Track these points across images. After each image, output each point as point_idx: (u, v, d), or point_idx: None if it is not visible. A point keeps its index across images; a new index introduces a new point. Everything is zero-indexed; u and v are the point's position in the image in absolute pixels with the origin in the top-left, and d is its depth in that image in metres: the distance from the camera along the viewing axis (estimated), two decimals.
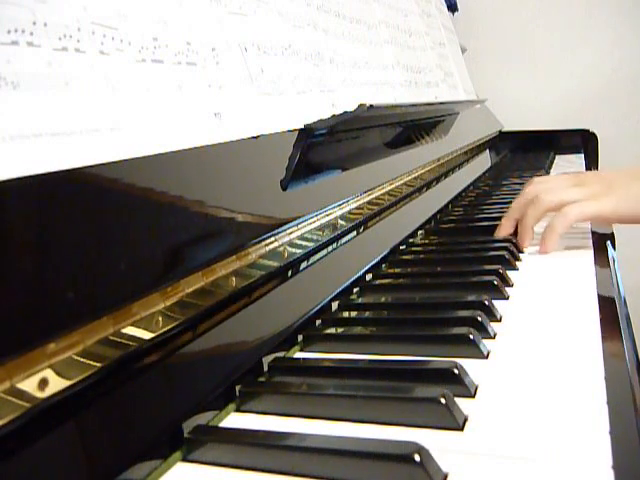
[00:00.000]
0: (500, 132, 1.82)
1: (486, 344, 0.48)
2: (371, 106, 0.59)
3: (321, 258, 0.59)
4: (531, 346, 0.49)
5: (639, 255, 1.74)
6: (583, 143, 1.83)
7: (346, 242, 0.65)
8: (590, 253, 0.74)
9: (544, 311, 0.57)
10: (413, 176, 0.91)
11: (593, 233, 0.84)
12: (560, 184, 0.80)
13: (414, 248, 0.83)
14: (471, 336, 0.47)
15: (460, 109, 1.26)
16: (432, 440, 0.34)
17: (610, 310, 0.55)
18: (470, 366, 0.42)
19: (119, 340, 0.34)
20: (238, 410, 0.42)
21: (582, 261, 0.72)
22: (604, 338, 0.48)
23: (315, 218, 0.58)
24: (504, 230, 0.83)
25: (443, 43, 1.42)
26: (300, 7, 0.71)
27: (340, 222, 0.63)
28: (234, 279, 0.44)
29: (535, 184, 0.84)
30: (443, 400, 0.36)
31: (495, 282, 0.61)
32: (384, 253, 0.74)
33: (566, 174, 0.85)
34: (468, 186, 1.26)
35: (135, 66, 0.42)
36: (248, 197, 0.49)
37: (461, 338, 0.47)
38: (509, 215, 0.83)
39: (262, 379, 0.46)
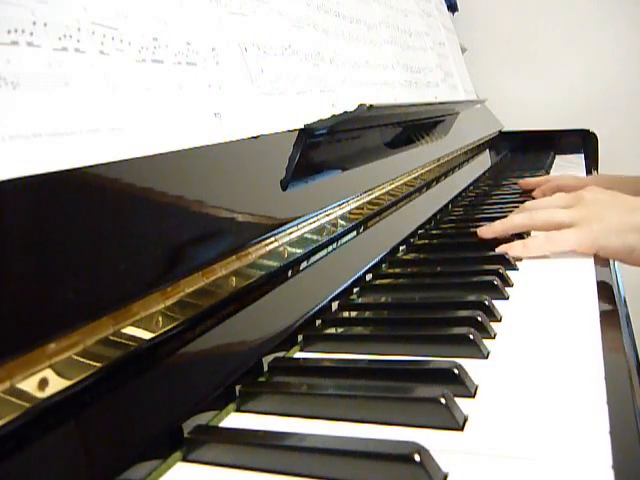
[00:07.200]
0: (500, 132, 1.82)
1: (486, 344, 0.48)
2: (371, 106, 0.59)
3: (321, 258, 0.59)
4: (531, 346, 0.49)
5: None
6: (583, 143, 1.83)
7: (346, 242, 0.65)
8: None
9: (544, 311, 0.57)
10: (413, 176, 0.91)
11: None
12: (554, 203, 0.79)
13: (414, 248, 0.82)
14: (471, 336, 0.47)
15: (460, 109, 1.26)
16: (432, 440, 0.34)
17: (610, 310, 0.55)
18: (470, 366, 0.42)
19: (119, 340, 0.34)
20: (238, 410, 0.42)
21: (582, 261, 0.72)
22: (604, 338, 0.48)
23: (315, 218, 0.58)
24: (488, 233, 0.79)
25: (443, 43, 1.42)
26: (300, 7, 0.71)
27: (340, 222, 0.63)
28: (234, 279, 0.44)
29: (534, 201, 0.84)
30: (443, 400, 0.36)
31: (495, 282, 0.61)
32: (384, 253, 0.74)
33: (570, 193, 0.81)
34: (468, 186, 1.26)
35: (135, 66, 0.42)
36: (248, 197, 0.49)
37: (461, 338, 0.47)
38: (502, 222, 0.79)
39: (262, 379, 0.46)
